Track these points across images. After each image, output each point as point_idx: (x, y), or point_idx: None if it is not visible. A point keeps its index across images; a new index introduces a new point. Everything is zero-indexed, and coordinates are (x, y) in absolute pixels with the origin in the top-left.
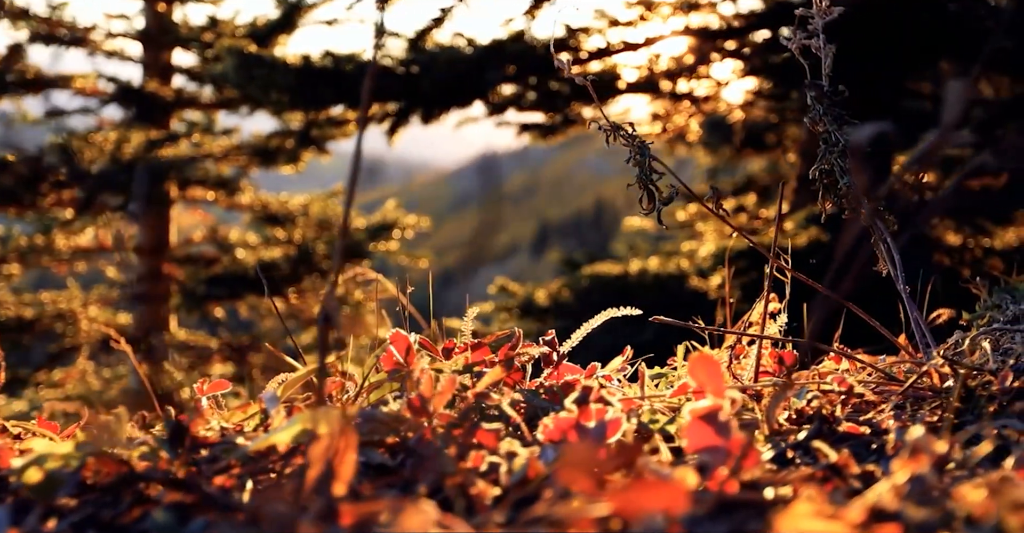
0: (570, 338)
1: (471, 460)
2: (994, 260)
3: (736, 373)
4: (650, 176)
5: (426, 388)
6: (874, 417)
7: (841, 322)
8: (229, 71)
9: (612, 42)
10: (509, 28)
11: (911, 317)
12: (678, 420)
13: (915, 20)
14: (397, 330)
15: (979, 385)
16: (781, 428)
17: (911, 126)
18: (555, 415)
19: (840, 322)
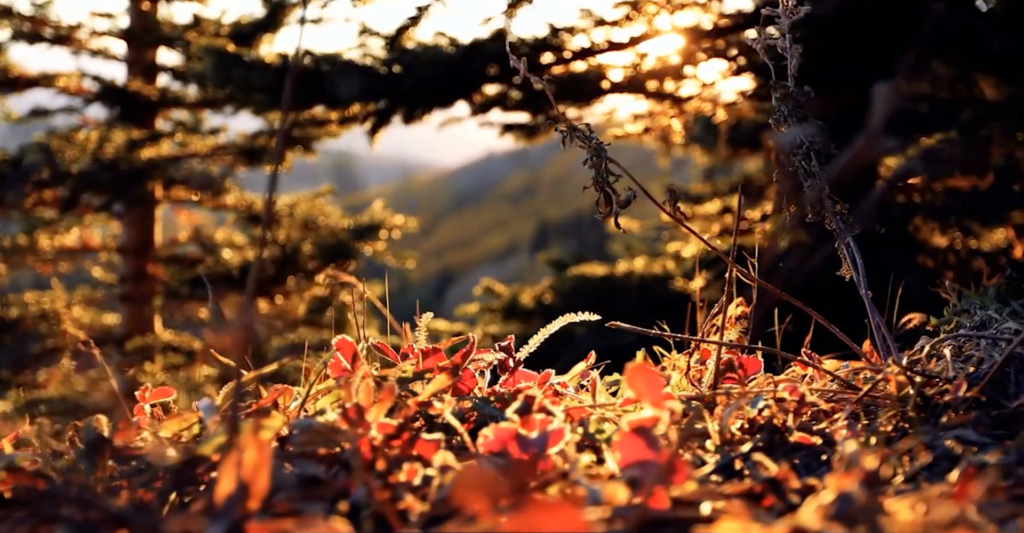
0: (543, 342)
1: (405, 473)
2: (979, 262)
3: (696, 380)
4: (607, 178)
5: (363, 397)
6: (827, 427)
7: (811, 327)
8: (207, 70)
9: (597, 41)
10: (492, 27)
11: (872, 322)
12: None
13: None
14: (343, 336)
15: (936, 394)
16: (733, 438)
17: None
18: (495, 425)
19: (811, 327)
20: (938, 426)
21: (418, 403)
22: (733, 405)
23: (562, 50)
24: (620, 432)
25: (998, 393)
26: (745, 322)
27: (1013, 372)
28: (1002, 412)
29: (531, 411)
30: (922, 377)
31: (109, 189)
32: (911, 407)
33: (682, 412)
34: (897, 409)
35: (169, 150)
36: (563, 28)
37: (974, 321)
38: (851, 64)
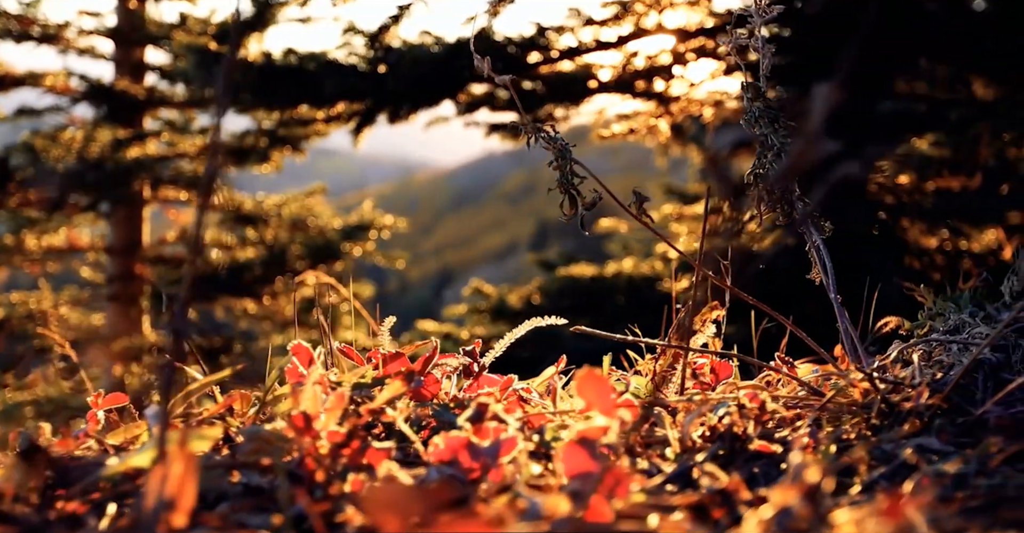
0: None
1: (350, 484)
2: (967, 263)
3: (662, 385)
4: (571, 180)
5: (310, 405)
6: (790, 434)
7: (788, 331)
8: (189, 69)
9: (584, 41)
10: (476, 26)
11: (841, 327)
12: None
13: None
14: (299, 341)
15: (901, 400)
16: (695, 445)
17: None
18: (445, 434)
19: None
20: (901, 434)
21: (370, 410)
22: (695, 412)
23: (549, 49)
24: (564, 442)
25: (965, 400)
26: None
27: (981, 378)
28: (968, 419)
29: (484, 419)
30: (886, 383)
31: (95, 189)
32: (875, 414)
33: (643, 419)
34: (862, 416)
35: (156, 150)
36: (550, 27)
37: (948, 325)
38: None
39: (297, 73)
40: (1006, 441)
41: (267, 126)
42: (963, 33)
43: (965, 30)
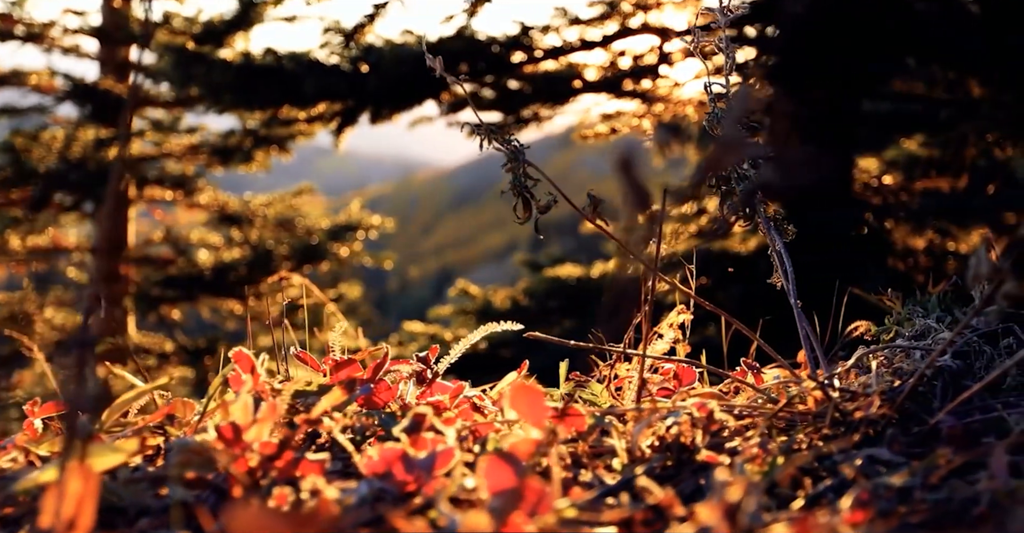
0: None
1: (276, 498)
2: (951, 265)
3: (616, 393)
4: (524, 183)
5: (240, 415)
6: (740, 444)
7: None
8: (168, 69)
9: (568, 40)
10: (459, 25)
11: (801, 333)
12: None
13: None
14: (240, 349)
15: (856, 409)
16: (643, 456)
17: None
18: (380, 446)
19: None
20: (851, 444)
21: (306, 420)
22: (643, 421)
23: (533, 49)
24: (487, 457)
25: (922, 408)
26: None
27: (941, 386)
28: (922, 429)
29: (421, 430)
30: (840, 392)
31: (78, 188)
32: (827, 424)
33: (592, 428)
34: (815, 425)
35: (142, 149)
36: (534, 27)
37: (914, 330)
38: (823, 63)
39: (277, 73)
40: (957, 452)
41: (251, 126)
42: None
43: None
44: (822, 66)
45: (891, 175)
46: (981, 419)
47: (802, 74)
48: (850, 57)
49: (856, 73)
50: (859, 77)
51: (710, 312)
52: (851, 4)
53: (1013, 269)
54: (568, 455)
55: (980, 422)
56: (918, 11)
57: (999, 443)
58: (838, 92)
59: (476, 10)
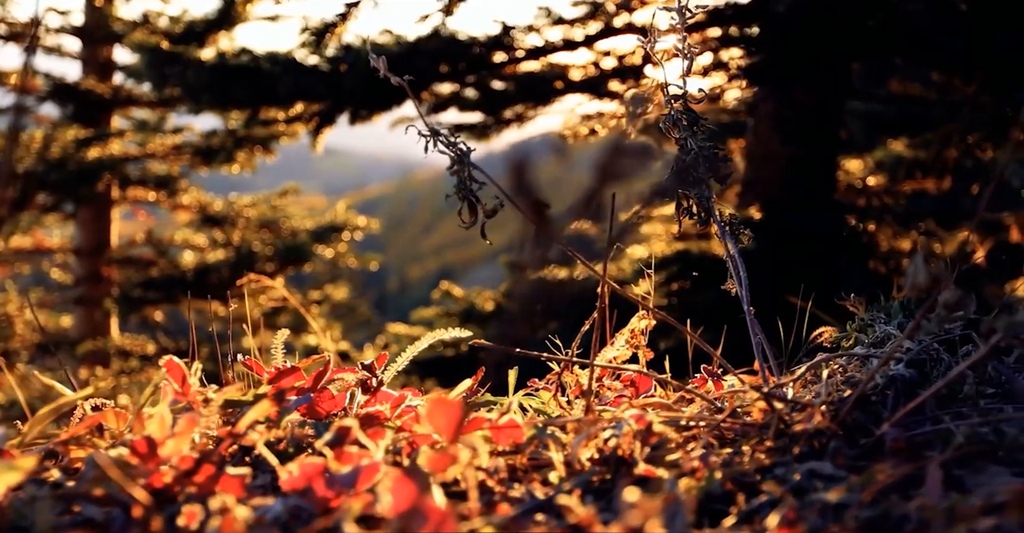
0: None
1: (185, 516)
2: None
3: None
4: (470, 186)
5: (156, 428)
6: (681, 457)
7: (722, 342)
8: (142, 68)
9: (551, 40)
10: (438, 25)
11: (754, 341)
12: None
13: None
14: (171, 357)
15: (803, 420)
16: (583, 469)
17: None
18: (300, 460)
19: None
20: (793, 458)
21: (229, 433)
22: (583, 433)
23: (514, 49)
24: (391, 474)
25: (870, 419)
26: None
27: (892, 396)
28: (869, 441)
29: (344, 443)
30: (784, 403)
31: (58, 189)
32: (771, 436)
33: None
34: (760, 437)
35: (124, 149)
36: (516, 27)
37: (875, 337)
38: (804, 63)
39: (253, 73)
40: (900, 465)
41: (232, 126)
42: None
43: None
44: (805, 66)
45: (875, 176)
46: (931, 431)
47: (785, 74)
48: (834, 57)
49: (840, 73)
50: (843, 77)
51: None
52: (835, 3)
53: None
54: (505, 468)
55: (930, 434)
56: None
57: (935, 457)
58: (821, 92)
59: (452, 9)
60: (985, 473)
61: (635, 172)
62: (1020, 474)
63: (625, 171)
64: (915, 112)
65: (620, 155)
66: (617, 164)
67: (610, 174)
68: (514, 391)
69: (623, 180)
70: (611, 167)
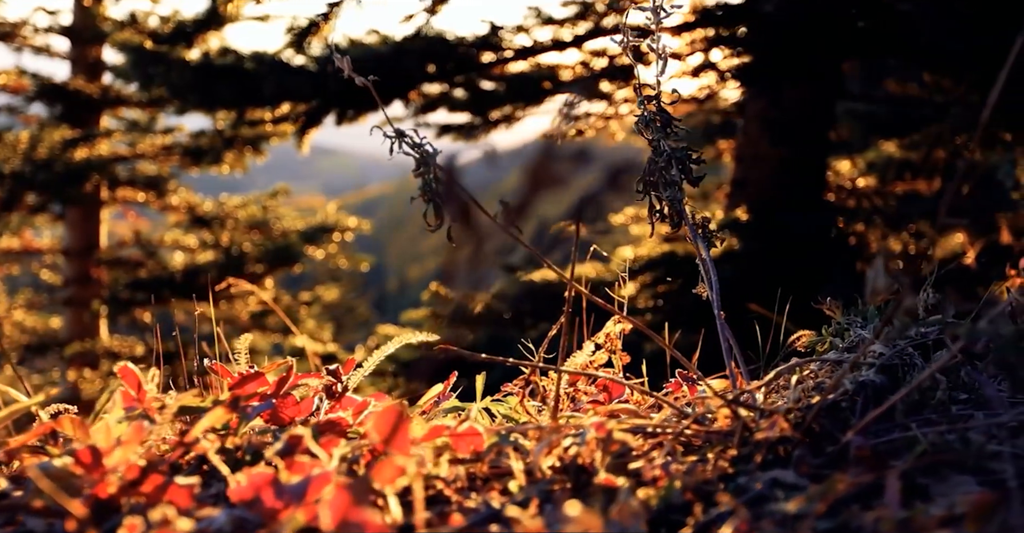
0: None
1: (125, 529)
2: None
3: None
4: (436, 188)
5: (101, 437)
6: (643, 465)
7: (699, 345)
8: (126, 68)
9: (539, 40)
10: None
11: (723, 346)
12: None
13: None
14: (125, 363)
15: (761, 429)
16: (544, 477)
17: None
18: (249, 470)
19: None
20: (755, 466)
21: (179, 442)
22: (544, 441)
23: (503, 49)
24: (334, 486)
25: (837, 426)
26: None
27: (861, 402)
28: (835, 449)
29: (295, 452)
30: (750, 410)
31: (45, 189)
32: (735, 444)
33: (491, 448)
34: (725, 445)
35: (113, 150)
36: (504, 27)
37: (849, 342)
38: (793, 63)
39: (237, 73)
40: (863, 474)
41: (220, 127)
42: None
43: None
44: (794, 66)
45: (865, 177)
46: (899, 438)
47: (773, 74)
48: (823, 57)
49: (830, 74)
50: (834, 78)
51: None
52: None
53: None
54: (465, 476)
55: (898, 441)
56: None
57: (897, 466)
58: (811, 93)
59: (436, 9)
60: (950, 482)
61: (570, 177)
62: (986, 483)
63: (558, 176)
64: (907, 113)
65: (552, 160)
66: (549, 169)
67: (541, 180)
68: (489, 396)
69: (556, 186)
70: (542, 172)
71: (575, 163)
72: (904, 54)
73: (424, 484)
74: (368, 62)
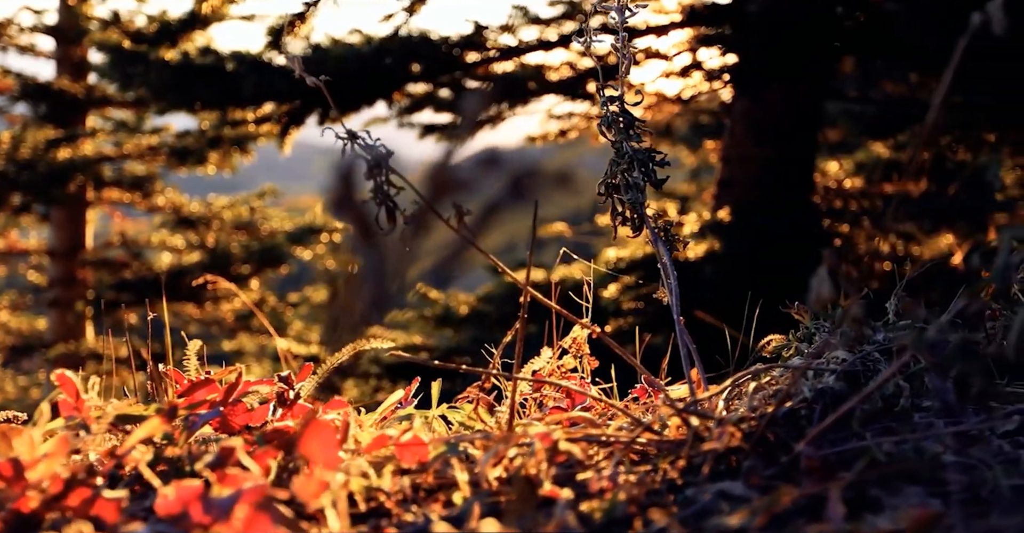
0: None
1: None
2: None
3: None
4: (388, 191)
5: (25, 449)
6: (591, 476)
7: (669, 349)
8: (105, 68)
9: (525, 40)
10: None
11: (682, 351)
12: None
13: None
14: (62, 371)
15: (710, 439)
16: (491, 488)
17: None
18: (177, 483)
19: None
20: (704, 477)
21: (109, 453)
22: (491, 451)
23: (488, 48)
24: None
25: (793, 435)
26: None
27: (820, 410)
28: (788, 458)
29: (227, 464)
30: (702, 418)
31: (29, 190)
32: (685, 454)
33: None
34: (677, 455)
35: (96, 150)
36: (488, 26)
37: (813, 348)
38: (778, 63)
39: (216, 73)
40: (814, 485)
41: (204, 127)
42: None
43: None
44: (779, 66)
45: (852, 178)
46: (857, 447)
47: (758, 74)
48: (809, 57)
49: (817, 74)
50: (820, 78)
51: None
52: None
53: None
54: (410, 488)
55: (856, 451)
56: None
57: (844, 478)
58: (797, 93)
59: (416, 8)
60: (904, 493)
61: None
62: (939, 494)
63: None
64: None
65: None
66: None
67: (443, 186)
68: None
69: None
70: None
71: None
72: (890, 54)
73: (366, 496)
74: (351, 62)
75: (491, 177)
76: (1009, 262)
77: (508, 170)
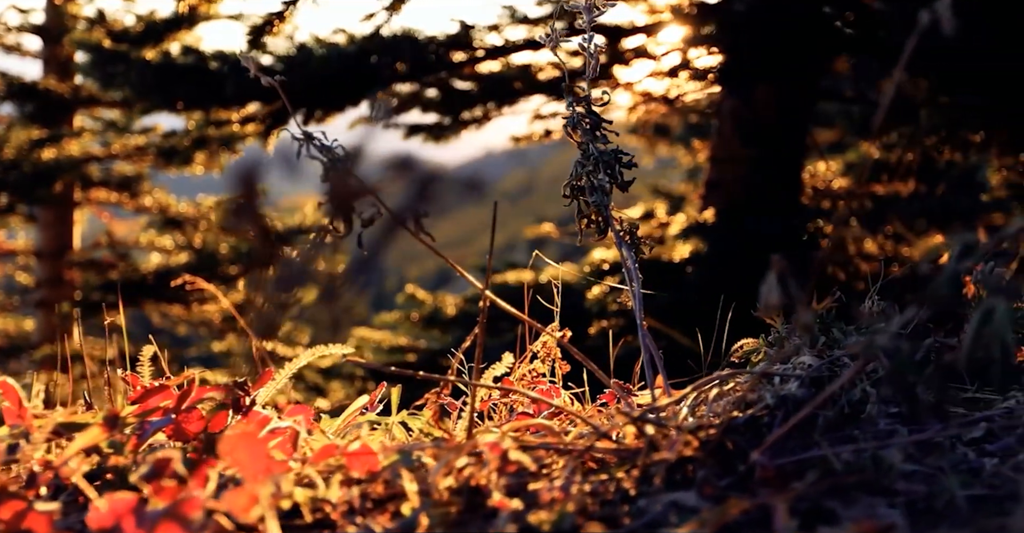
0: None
1: None
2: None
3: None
4: (345, 196)
5: None
6: (543, 486)
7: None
8: (86, 67)
9: (512, 39)
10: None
11: (644, 357)
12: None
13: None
14: (4, 378)
15: (664, 448)
16: (442, 499)
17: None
18: (110, 495)
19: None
20: (656, 487)
21: (44, 463)
22: (442, 460)
23: (475, 48)
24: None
25: (753, 444)
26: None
27: (781, 417)
28: (745, 468)
29: (162, 476)
30: (656, 426)
31: (14, 190)
32: (640, 463)
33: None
34: (631, 465)
35: (83, 150)
36: (475, 25)
37: (782, 353)
38: (765, 63)
39: (198, 72)
40: (769, 496)
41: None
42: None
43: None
44: (766, 66)
45: (841, 179)
46: (813, 457)
47: (745, 73)
48: (797, 57)
49: (806, 74)
50: (809, 78)
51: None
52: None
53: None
54: (358, 498)
55: (813, 460)
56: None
57: (795, 488)
58: (785, 93)
59: (397, 7)
60: (861, 504)
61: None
62: (897, 505)
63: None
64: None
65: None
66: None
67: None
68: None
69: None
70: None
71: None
72: (879, 53)
73: (312, 507)
74: (335, 61)
75: (399, 182)
76: (958, 269)
77: (415, 176)
